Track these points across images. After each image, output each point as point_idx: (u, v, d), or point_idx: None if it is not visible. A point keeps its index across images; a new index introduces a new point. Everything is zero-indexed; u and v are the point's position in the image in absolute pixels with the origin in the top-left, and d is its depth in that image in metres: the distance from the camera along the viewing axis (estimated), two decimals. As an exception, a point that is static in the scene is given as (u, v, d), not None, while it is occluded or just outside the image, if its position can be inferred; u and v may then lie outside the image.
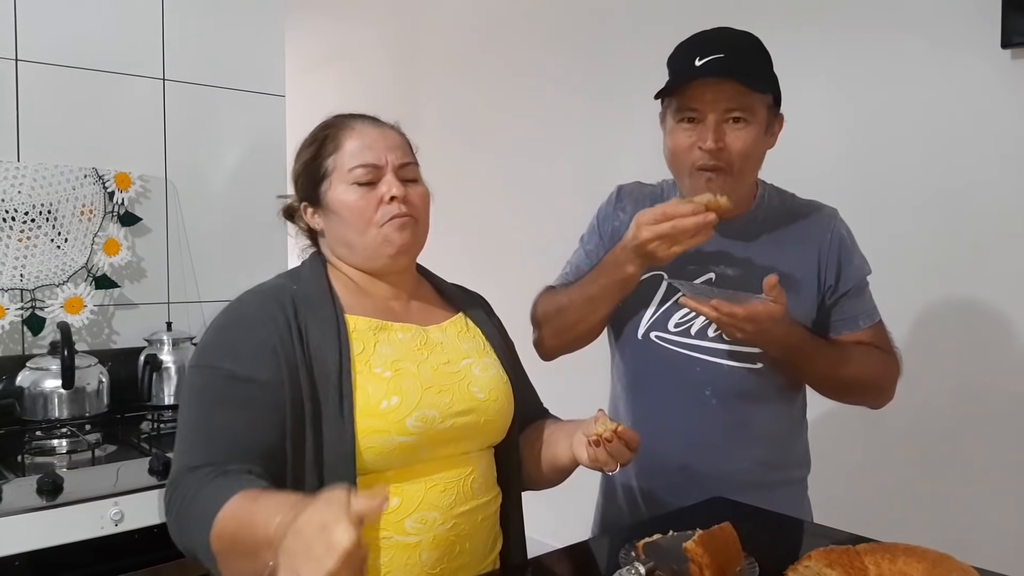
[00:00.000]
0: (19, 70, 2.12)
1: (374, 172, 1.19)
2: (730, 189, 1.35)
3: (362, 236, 1.19)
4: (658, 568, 0.99)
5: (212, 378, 1.10)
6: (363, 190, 1.19)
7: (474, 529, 1.19)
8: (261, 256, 2.50)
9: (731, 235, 1.46)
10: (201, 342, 1.16)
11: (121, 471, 1.78)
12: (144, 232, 2.31)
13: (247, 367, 1.08)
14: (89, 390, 2.04)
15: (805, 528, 1.27)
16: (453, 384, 1.19)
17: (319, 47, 4.40)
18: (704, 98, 1.34)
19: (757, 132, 1.37)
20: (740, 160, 1.36)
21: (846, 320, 1.48)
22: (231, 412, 1.07)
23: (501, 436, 1.26)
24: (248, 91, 2.51)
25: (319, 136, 1.23)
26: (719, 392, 1.45)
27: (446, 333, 1.26)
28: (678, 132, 1.39)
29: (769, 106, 1.41)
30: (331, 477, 1.07)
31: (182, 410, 1.12)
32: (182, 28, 2.38)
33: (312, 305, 1.16)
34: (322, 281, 1.20)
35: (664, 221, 1.27)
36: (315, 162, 1.22)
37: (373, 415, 1.10)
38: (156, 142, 2.35)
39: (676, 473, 1.46)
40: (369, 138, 1.21)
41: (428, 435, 1.13)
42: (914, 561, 0.96)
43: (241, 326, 1.13)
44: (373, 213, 1.18)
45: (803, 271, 1.45)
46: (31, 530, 1.53)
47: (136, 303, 2.31)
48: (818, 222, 1.49)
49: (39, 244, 2.11)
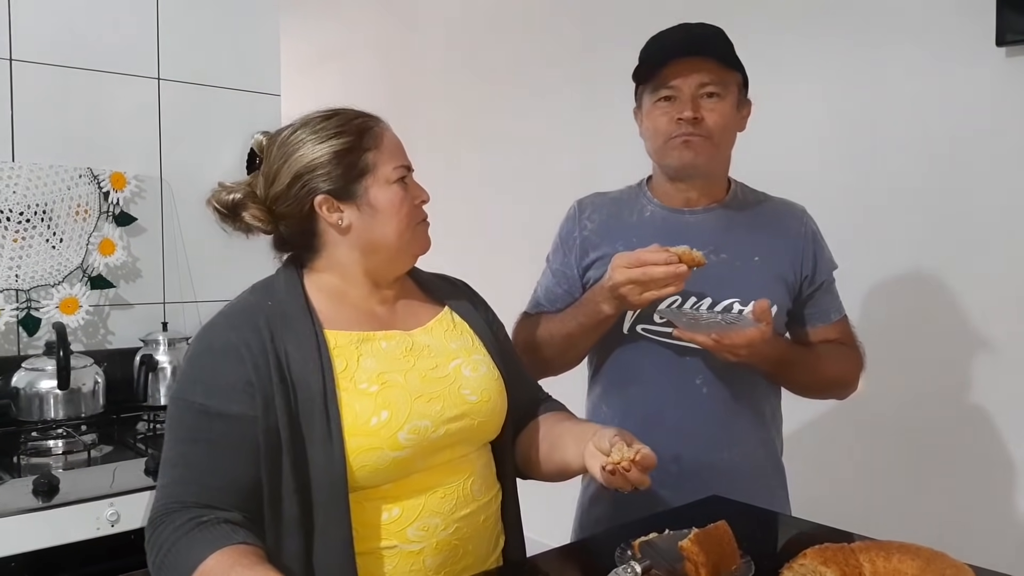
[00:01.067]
0: (13, 69, 2.11)
1: (408, 174, 1.21)
2: (710, 155, 1.43)
3: (399, 236, 1.18)
4: (654, 567, 0.99)
5: (186, 411, 1.09)
6: (404, 190, 1.19)
7: (476, 531, 1.18)
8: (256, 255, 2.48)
9: (710, 223, 1.51)
10: (179, 371, 1.16)
11: (117, 472, 1.78)
12: (139, 232, 2.31)
13: (219, 402, 1.07)
14: (85, 391, 2.04)
15: (800, 526, 1.27)
16: (443, 390, 1.16)
17: (314, 46, 4.39)
18: (679, 75, 1.41)
19: (731, 107, 1.45)
20: (718, 131, 1.43)
21: (819, 313, 1.55)
22: (203, 449, 1.06)
23: (496, 433, 1.25)
24: (243, 90, 2.51)
25: (351, 126, 1.17)
26: (710, 380, 1.47)
27: (432, 335, 1.24)
28: (655, 112, 1.46)
29: (739, 85, 1.48)
30: (321, 500, 1.06)
31: (165, 438, 1.12)
32: (177, 27, 2.38)
33: (289, 324, 1.12)
34: (299, 295, 1.16)
35: (637, 267, 1.30)
36: (351, 155, 1.15)
37: (363, 433, 1.08)
38: (151, 142, 2.34)
39: (669, 464, 1.45)
40: (396, 139, 1.22)
41: (422, 446, 1.11)
42: (908, 559, 0.96)
43: (214, 357, 1.10)
44: (414, 212, 1.20)
45: (781, 260, 1.50)
46: (27, 531, 1.53)
47: (132, 303, 2.30)
48: (791, 216, 1.56)
49: (34, 244, 2.10)
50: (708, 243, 1.46)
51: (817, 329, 1.55)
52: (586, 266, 1.55)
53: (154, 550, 1.03)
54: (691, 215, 1.52)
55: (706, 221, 1.51)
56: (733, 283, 1.46)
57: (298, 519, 1.06)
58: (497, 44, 3.49)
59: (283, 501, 1.06)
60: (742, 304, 1.44)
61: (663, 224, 1.51)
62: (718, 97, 1.42)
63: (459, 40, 3.69)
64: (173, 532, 1.01)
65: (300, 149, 1.16)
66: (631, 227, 1.52)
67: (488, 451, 1.26)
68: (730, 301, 1.45)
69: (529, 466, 1.31)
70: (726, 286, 1.45)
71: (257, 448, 1.05)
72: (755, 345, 1.32)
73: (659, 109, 1.44)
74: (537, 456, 1.29)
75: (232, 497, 1.05)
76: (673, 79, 1.42)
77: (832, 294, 1.57)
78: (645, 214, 1.54)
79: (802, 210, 1.57)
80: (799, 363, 1.50)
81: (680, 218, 1.52)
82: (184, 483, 1.06)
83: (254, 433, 1.05)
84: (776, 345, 1.42)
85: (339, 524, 1.06)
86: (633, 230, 1.51)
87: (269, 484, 1.06)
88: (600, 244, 1.53)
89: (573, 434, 1.23)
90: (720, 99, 1.42)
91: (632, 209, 1.55)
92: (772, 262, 1.49)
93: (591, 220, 1.56)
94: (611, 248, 1.49)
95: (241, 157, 2.58)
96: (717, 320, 1.36)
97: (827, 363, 1.52)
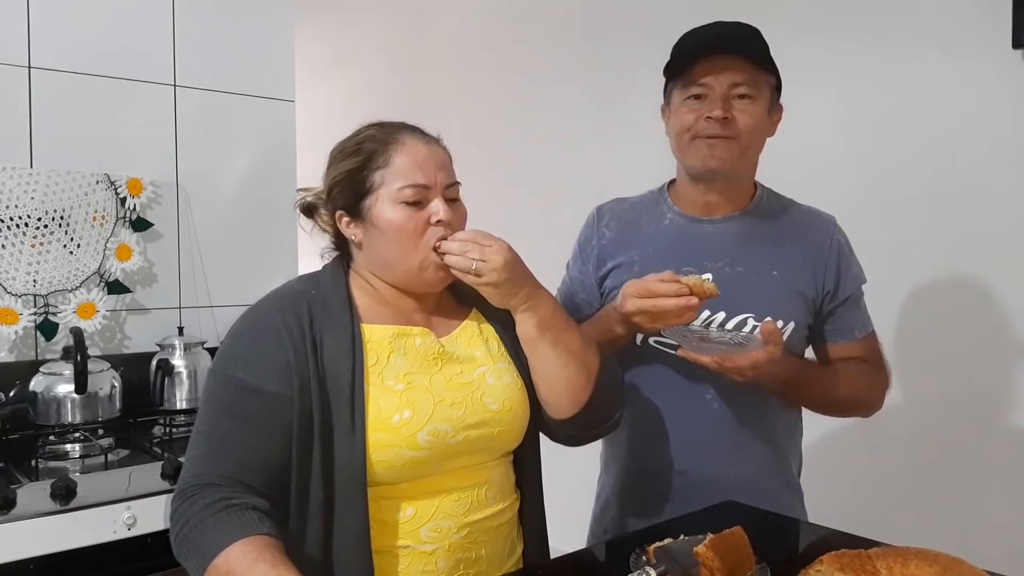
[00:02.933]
0: (32, 77, 2.14)
1: (423, 193, 1.16)
2: (737, 158, 1.39)
3: (406, 258, 1.16)
4: (669, 572, 0.99)
5: (225, 386, 1.11)
6: (411, 210, 1.15)
7: (489, 536, 1.19)
8: (272, 260, 2.52)
9: (730, 233, 1.46)
10: (220, 347, 1.17)
11: (133, 475, 1.79)
12: (156, 237, 2.33)
13: (259, 378, 1.09)
14: (102, 395, 2.05)
15: (816, 532, 1.27)
16: (466, 396, 1.17)
17: (327, 51, 4.41)
18: (711, 73, 1.37)
19: (762, 110, 1.40)
20: (747, 133, 1.38)
21: (841, 330, 1.49)
22: (239, 425, 1.08)
23: (517, 443, 1.25)
24: (258, 96, 2.52)
25: (365, 147, 1.18)
26: (721, 394, 1.44)
27: (459, 342, 1.25)
28: (683, 110, 1.41)
29: (772, 88, 1.43)
30: (341, 490, 1.08)
31: (199, 411, 1.14)
32: (193, 34, 2.39)
33: (329, 314, 1.15)
34: (342, 289, 1.19)
35: (647, 297, 1.28)
36: (360, 174, 1.17)
37: (384, 429, 1.09)
38: (167, 148, 2.36)
39: (675, 478, 1.45)
40: (420, 155, 1.17)
41: (440, 449, 1.12)
42: (926, 565, 0.95)
43: (256, 335, 1.13)
44: (420, 235, 1.16)
45: (801, 273, 1.44)
46: (45, 534, 1.54)
47: (148, 308, 2.32)
48: (817, 227, 1.49)
49: (52, 250, 2.12)
50: (725, 255, 1.44)
51: (838, 346, 1.49)
52: (603, 275, 1.53)
53: (179, 523, 1.04)
54: (710, 224, 1.47)
55: (725, 232, 1.46)
56: (748, 298, 1.41)
57: (322, 506, 1.08)
58: (509, 47, 3.49)
59: (311, 486, 1.08)
60: (756, 320, 1.40)
61: (680, 234, 1.48)
62: (750, 99, 1.38)
63: (470, 43, 3.70)
64: (202, 510, 1.03)
65: (332, 164, 1.22)
66: (648, 236, 1.50)
67: (508, 461, 1.26)
68: (744, 316, 1.41)
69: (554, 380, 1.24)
70: (741, 301, 1.41)
71: (291, 429, 1.08)
72: (761, 367, 1.29)
73: (688, 107, 1.40)
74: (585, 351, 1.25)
75: (262, 476, 1.07)
76: (704, 76, 1.37)
77: (858, 309, 1.50)
78: (664, 222, 1.51)
79: (831, 221, 1.50)
80: (812, 383, 1.45)
81: (698, 228, 1.48)
82: (217, 456, 1.07)
83: (289, 414, 1.08)
84: (786, 365, 1.36)
85: (357, 515, 1.08)
86: (650, 239, 1.49)
87: (299, 467, 1.08)
88: (616, 253, 1.51)
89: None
90: (752, 101, 1.38)
91: (651, 217, 1.52)
92: (791, 276, 1.44)
93: (609, 228, 1.54)
94: (627, 257, 1.48)
95: (255, 162, 2.61)
96: (726, 339, 1.33)
97: (845, 383, 1.46)
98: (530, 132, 3.39)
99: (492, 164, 3.53)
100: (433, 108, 3.81)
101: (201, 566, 1.00)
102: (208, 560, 0.99)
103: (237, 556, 0.97)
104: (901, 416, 2.21)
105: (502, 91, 3.53)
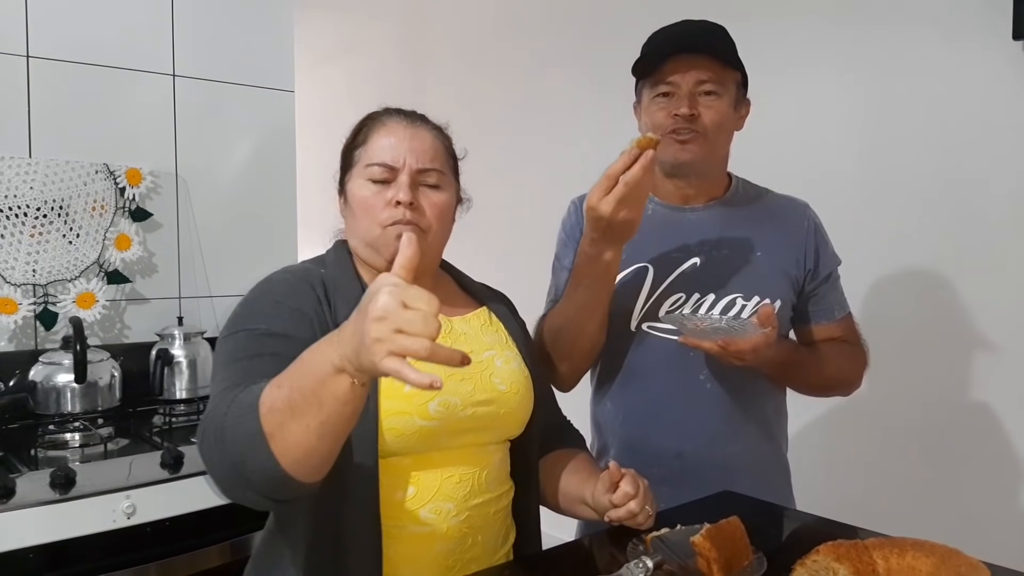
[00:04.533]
0: (30, 66, 2.13)
1: (389, 172, 1.18)
2: (706, 153, 1.43)
3: (367, 233, 1.19)
4: (666, 562, 1.00)
5: (247, 337, 1.08)
6: (376, 187, 1.18)
7: (486, 522, 1.19)
8: (271, 250, 2.52)
9: (711, 220, 1.51)
10: (232, 314, 1.14)
11: (133, 465, 1.79)
12: (155, 227, 2.33)
13: (282, 325, 1.08)
14: (101, 384, 2.06)
15: (813, 522, 1.27)
16: (476, 373, 1.19)
17: (328, 41, 4.40)
18: (678, 72, 1.42)
19: (728, 106, 1.45)
20: (713, 129, 1.43)
21: (823, 310, 1.55)
22: (268, 362, 1.02)
23: (519, 429, 1.26)
24: (257, 86, 2.52)
25: (358, 126, 1.25)
26: (714, 376, 1.47)
27: (469, 325, 1.27)
28: (653, 107, 1.46)
29: (738, 84, 1.47)
30: (356, 454, 1.07)
31: (214, 375, 1.09)
32: (192, 24, 2.39)
33: (340, 287, 1.17)
34: (348, 267, 1.22)
35: (613, 186, 1.26)
36: (347, 152, 1.24)
37: (396, 396, 1.10)
38: (166, 138, 2.36)
39: (672, 460, 1.47)
40: (395, 136, 1.20)
41: (449, 421, 1.14)
42: (923, 556, 0.95)
43: (275, 294, 1.13)
44: (379, 212, 1.17)
45: (784, 254, 1.50)
46: (44, 523, 1.54)
47: (147, 298, 2.32)
48: (793, 210, 1.56)
49: (51, 240, 2.12)
50: (709, 240, 1.48)
51: (821, 326, 1.55)
52: None
53: (211, 425, 0.96)
54: (691, 212, 1.52)
55: (705, 218, 1.51)
56: (735, 279, 1.46)
57: (334, 473, 1.00)
58: (511, 36, 3.48)
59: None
60: (744, 299, 1.44)
61: (664, 222, 1.52)
62: (716, 95, 1.42)
63: (473, 33, 3.69)
64: (230, 397, 0.96)
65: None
66: None
67: (506, 448, 1.27)
68: (733, 296, 1.46)
69: (545, 502, 1.34)
70: (728, 282, 1.46)
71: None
72: (760, 350, 1.33)
73: (656, 104, 1.45)
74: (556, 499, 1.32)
75: None
76: (671, 75, 1.42)
77: (837, 290, 1.57)
78: (647, 212, 1.50)
79: (804, 204, 1.57)
80: (803, 365, 1.51)
81: (680, 215, 1.52)
82: (245, 381, 0.98)
83: None
84: (780, 349, 1.41)
85: (368, 483, 1.08)
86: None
87: None
88: None
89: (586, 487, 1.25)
90: (718, 97, 1.42)
91: None
92: (774, 256, 1.49)
93: None
94: None
95: (255, 153, 2.61)
96: (722, 326, 1.36)
97: (831, 363, 1.52)
98: (533, 123, 3.39)
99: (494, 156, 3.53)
100: (437, 97, 3.80)
101: (252, 424, 0.90)
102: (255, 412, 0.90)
103: (278, 376, 0.91)
104: (899, 405, 2.22)
105: (507, 80, 3.52)
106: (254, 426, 0.90)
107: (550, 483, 1.32)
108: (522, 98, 3.44)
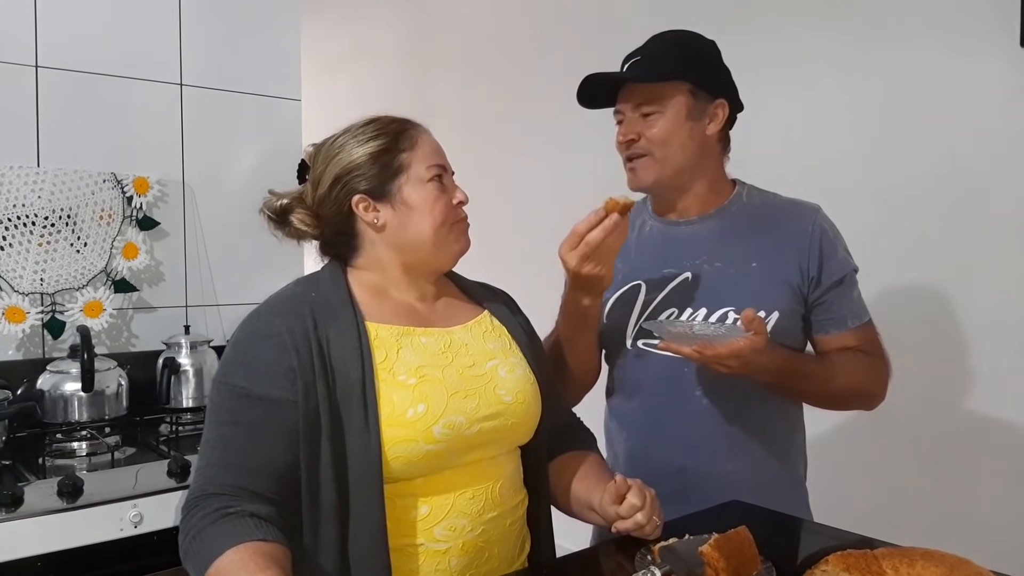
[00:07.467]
0: (39, 76, 2.14)
1: (444, 175, 1.24)
2: (658, 172, 1.44)
3: (435, 233, 1.20)
4: (674, 572, 0.99)
5: (228, 395, 1.11)
6: (440, 189, 1.22)
7: (502, 534, 1.19)
8: (278, 259, 2.51)
9: (706, 232, 1.49)
10: (223, 356, 1.17)
11: (140, 473, 1.79)
12: (162, 236, 2.34)
13: (261, 386, 1.09)
14: (108, 393, 2.06)
15: (822, 532, 1.26)
16: (479, 388, 1.18)
17: (333, 50, 4.42)
18: (621, 100, 1.47)
19: (672, 119, 1.43)
20: (658, 146, 1.43)
21: (833, 319, 1.46)
22: (242, 432, 1.08)
23: (528, 437, 1.25)
24: (264, 95, 2.53)
25: (388, 129, 1.22)
26: (710, 392, 1.44)
27: (471, 333, 1.26)
28: (617, 133, 1.50)
29: (691, 92, 1.44)
30: (357, 488, 1.07)
31: (205, 421, 1.14)
32: (199, 33, 2.40)
33: (332, 314, 1.14)
34: (342, 288, 1.19)
35: (577, 242, 1.29)
36: (387, 155, 1.20)
37: (399, 424, 1.09)
38: (174, 147, 2.37)
39: (673, 477, 1.44)
40: (435, 142, 1.26)
41: (455, 441, 1.13)
42: (932, 566, 0.95)
43: (258, 342, 1.12)
44: (449, 212, 1.22)
45: (784, 263, 1.43)
46: (52, 532, 1.54)
47: (154, 306, 2.33)
48: (798, 216, 1.48)
49: (59, 248, 2.13)
50: (703, 253, 1.46)
51: (831, 336, 1.46)
52: None
53: (184, 535, 1.05)
54: (687, 226, 1.50)
55: (700, 231, 1.49)
56: (728, 292, 1.42)
57: (335, 506, 1.07)
58: (516, 46, 3.49)
59: (321, 488, 1.07)
60: (737, 313, 1.39)
61: (660, 238, 1.52)
62: (657, 113, 1.43)
63: (478, 42, 3.70)
64: (201, 520, 1.03)
65: (340, 153, 1.22)
66: (630, 243, 1.50)
67: (517, 456, 1.26)
68: (725, 310, 1.42)
69: (557, 504, 1.34)
70: (721, 295, 1.42)
71: (296, 433, 1.07)
72: (744, 356, 1.27)
73: (616, 131, 1.49)
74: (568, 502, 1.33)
75: (268, 481, 1.07)
76: (619, 104, 1.47)
77: (850, 298, 1.47)
78: (645, 229, 1.55)
79: (814, 208, 1.49)
80: (807, 374, 1.43)
81: (675, 231, 1.51)
82: (222, 465, 1.07)
83: (294, 418, 1.07)
84: (774, 355, 1.33)
85: (373, 513, 1.07)
86: (632, 246, 1.51)
87: (308, 470, 1.07)
88: None
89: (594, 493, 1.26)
90: (659, 114, 1.43)
91: (633, 224, 1.54)
92: (772, 266, 1.43)
93: None
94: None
95: (261, 161, 2.62)
96: (708, 332, 1.32)
97: (842, 374, 1.43)
98: (538, 128, 3.39)
99: (500, 160, 3.54)
100: (442, 105, 3.81)
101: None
102: (204, 570, 0.99)
103: (226, 565, 0.98)
104: (909, 414, 2.20)
105: (512, 89, 3.53)
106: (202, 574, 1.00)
107: (561, 488, 1.31)
108: (526, 108, 3.44)
